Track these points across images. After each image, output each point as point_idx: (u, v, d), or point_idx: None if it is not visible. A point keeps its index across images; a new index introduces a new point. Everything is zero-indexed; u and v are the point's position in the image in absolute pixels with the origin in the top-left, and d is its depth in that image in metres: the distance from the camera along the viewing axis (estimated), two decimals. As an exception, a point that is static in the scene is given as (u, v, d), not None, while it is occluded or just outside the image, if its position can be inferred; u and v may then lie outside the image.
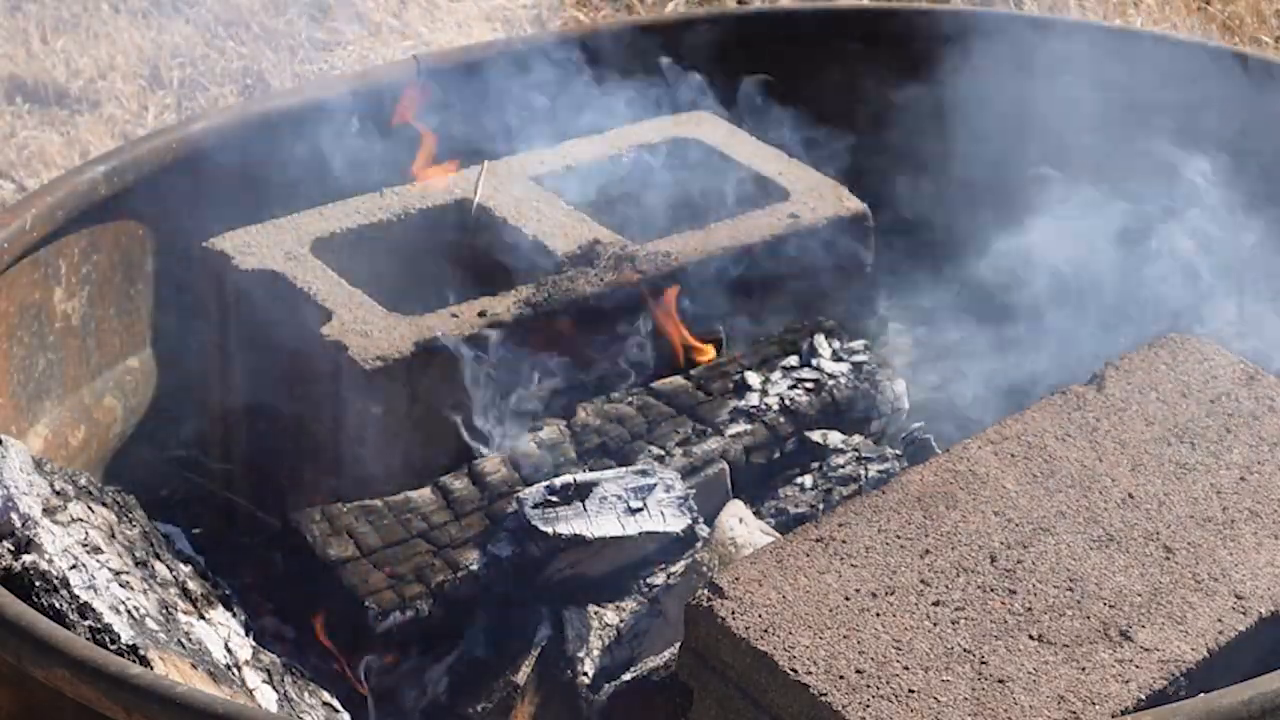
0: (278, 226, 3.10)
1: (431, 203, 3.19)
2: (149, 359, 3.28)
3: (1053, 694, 2.28)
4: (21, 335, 3.04)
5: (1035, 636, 2.36)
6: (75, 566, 2.43)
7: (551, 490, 2.72)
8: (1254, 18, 5.15)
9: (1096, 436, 2.69)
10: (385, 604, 2.66)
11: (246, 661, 2.54)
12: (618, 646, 2.67)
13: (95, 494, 2.61)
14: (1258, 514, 2.57)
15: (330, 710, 2.59)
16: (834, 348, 3.09)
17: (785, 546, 2.48)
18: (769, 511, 2.90)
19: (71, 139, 4.67)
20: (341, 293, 2.96)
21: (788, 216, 3.20)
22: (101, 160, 3.19)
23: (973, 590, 2.42)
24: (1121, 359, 2.85)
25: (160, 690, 2.19)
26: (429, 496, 2.81)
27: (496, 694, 2.65)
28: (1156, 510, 2.57)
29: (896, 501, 2.56)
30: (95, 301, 3.17)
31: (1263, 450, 2.68)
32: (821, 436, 2.99)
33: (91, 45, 5.03)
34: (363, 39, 5.15)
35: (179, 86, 4.91)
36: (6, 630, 2.27)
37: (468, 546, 2.74)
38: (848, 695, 2.26)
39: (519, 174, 3.26)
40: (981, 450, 2.66)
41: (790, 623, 2.35)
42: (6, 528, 2.45)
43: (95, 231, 3.15)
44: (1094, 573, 2.46)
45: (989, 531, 2.51)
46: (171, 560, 2.62)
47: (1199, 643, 2.37)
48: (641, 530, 2.73)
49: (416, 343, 2.88)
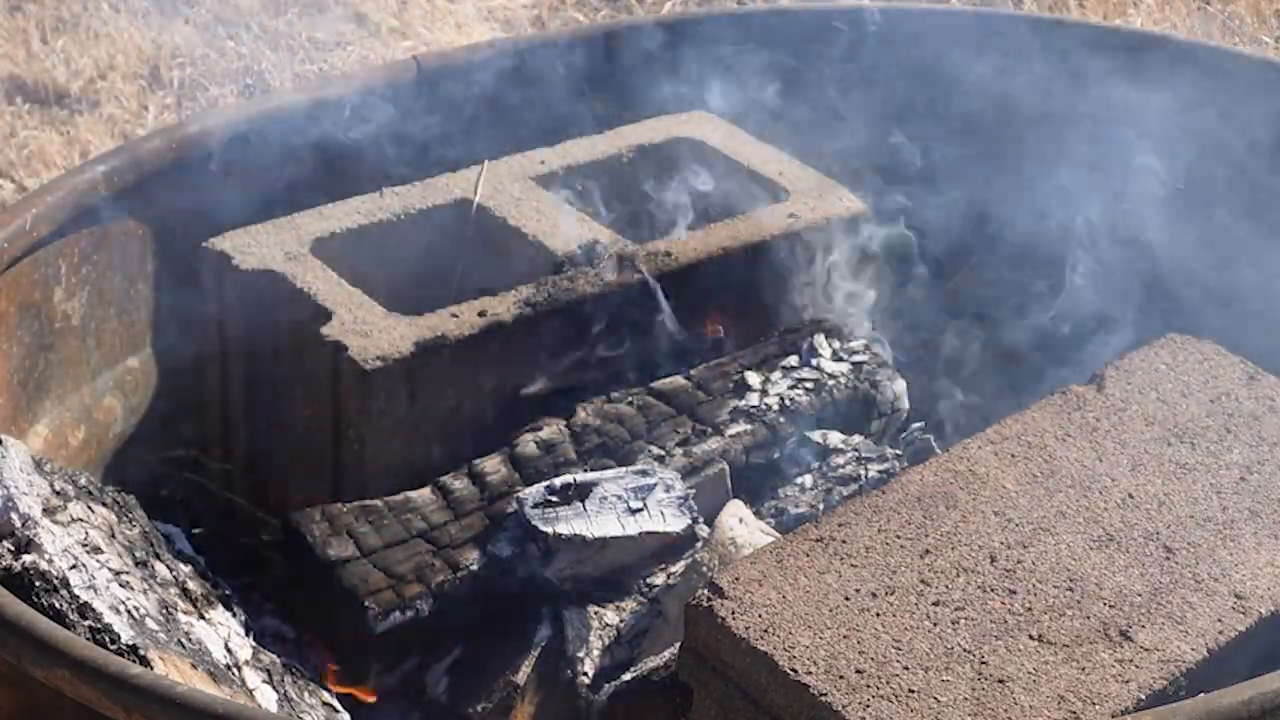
0: (278, 226, 3.10)
1: (431, 202, 3.19)
2: (149, 359, 3.28)
3: (1053, 694, 2.28)
4: (21, 335, 3.04)
5: (1035, 636, 2.36)
6: (75, 566, 2.43)
7: (551, 490, 2.73)
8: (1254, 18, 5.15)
9: (1096, 436, 2.69)
10: (385, 604, 2.66)
11: (246, 661, 2.54)
12: (618, 646, 2.67)
13: (95, 494, 2.60)
14: (1258, 514, 2.57)
15: (330, 710, 2.59)
16: (834, 348, 3.09)
17: (785, 546, 2.48)
18: (769, 511, 2.89)
19: (71, 139, 4.67)
20: (341, 293, 2.96)
21: (788, 216, 3.20)
22: (101, 160, 3.19)
23: (973, 590, 2.42)
24: (1121, 359, 2.85)
25: (160, 690, 2.19)
26: (429, 496, 2.81)
27: (496, 694, 2.65)
28: (1156, 510, 2.57)
29: (896, 501, 2.56)
30: (95, 301, 3.17)
31: (1263, 450, 2.68)
32: (821, 436, 2.99)
33: (91, 45, 5.03)
34: (363, 39, 5.16)
35: (179, 86, 4.92)
36: (6, 630, 2.27)
37: (468, 546, 2.74)
38: (848, 695, 2.26)
39: (519, 174, 3.26)
40: (981, 450, 2.66)
41: (790, 623, 2.35)
42: (6, 528, 2.45)
43: (95, 231, 3.15)
44: (1094, 573, 2.46)
45: (989, 531, 2.51)
46: (171, 560, 2.62)
47: (1199, 643, 2.37)
48: (641, 530, 2.73)
49: (416, 343, 2.88)
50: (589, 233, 3.12)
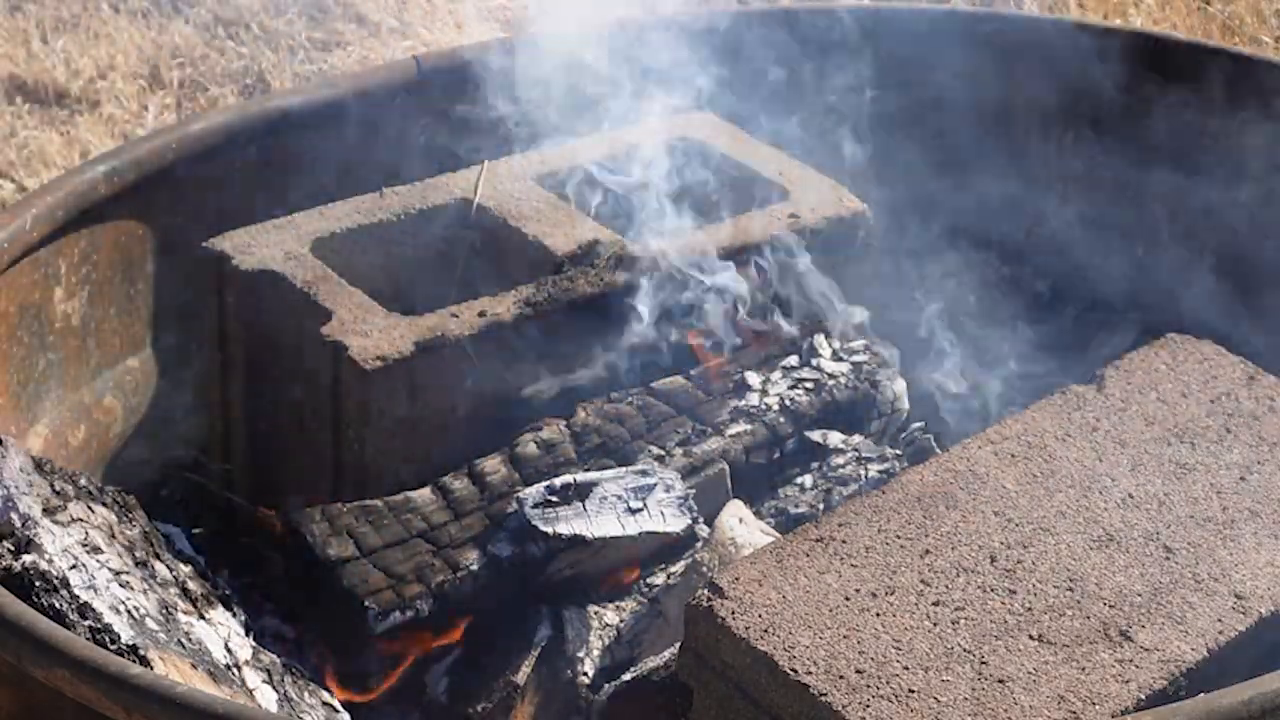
0: (278, 226, 3.10)
1: (432, 203, 3.19)
2: (149, 359, 3.28)
3: (1053, 694, 2.28)
4: (21, 335, 3.04)
5: (1035, 636, 2.36)
6: (75, 566, 2.43)
7: (551, 490, 2.73)
8: (1254, 18, 5.15)
9: (1096, 436, 2.69)
10: (385, 604, 2.66)
11: (246, 661, 2.54)
12: (618, 646, 2.67)
13: (95, 494, 2.60)
14: (1258, 514, 2.57)
15: (330, 710, 2.59)
16: (834, 348, 3.09)
17: (785, 546, 2.48)
18: (769, 511, 2.89)
19: (71, 139, 4.67)
20: (341, 293, 2.96)
21: (788, 216, 3.20)
22: (101, 160, 3.19)
23: (973, 590, 2.42)
24: (1121, 359, 2.85)
25: (160, 690, 2.19)
26: (429, 496, 2.81)
27: (496, 694, 2.65)
28: (1156, 510, 2.57)
29: (896, 501, 2.56)
30: (95, 301, 3.17)
31: (1263, 450, 2.68)
32: (821, 436, 2.99)
33: (91, 45, 5.03)
34: (363, 39, 5.16)
35: (179, 86, 4.92)
36: (6, 630, 2.27)
37: (468, 546, 2.74)
38: (848, 695, 2.26)
39: (519, 174, 3.26)
40: (981, 450, 2.66)
41: (790, 623, 2.35)
42: (6, 528, 2.45)
43: (95, 231, 3.15)
44: (1094, 573, 2.46)
45: (989, 531, 2.51)
46: (171, 560, 2.62)
47: (1199, 643, 2.37)
48: (641, 530, 2.73)
49: (416, 343, 2.88)
50: (589, 233, 3.12)
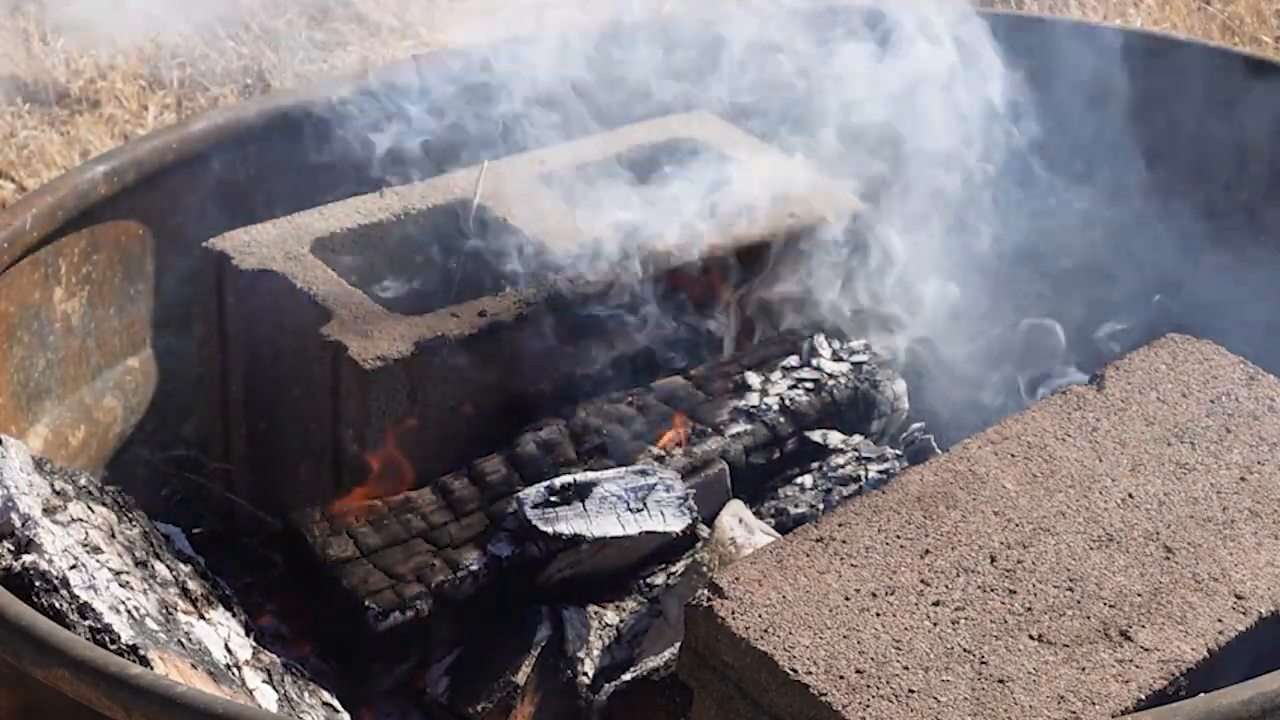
0: (278, 226, 3.10)
1: (432, 203, 3.19)
2: (149, 359, 3.28)
3: (1053, 694, 2.28)
4: (21, 335, 3.04)
5: (1035, 636, 2.36)
6: (75, 566, 2.43)
7: (551, 490, 2.73)
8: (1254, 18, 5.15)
9: (1096, 436, 2.69)
10: (385, 604, 2.66)
11: (246, 661, 2.54)
12: (618, 646, 2.67)
13: (95, 494, 2.60)
14: (1258, 514, 2.57)
15: (330, 710, 2.59)
16: (834, 348, 3.09)
17: (785, 546, 2.48)
18: (769, 511, 2.89)
19: (71, 139, 4.67)
20: (341, 293, 2.96)
21: (788, 216, 3.20)
22: (101, 160, 3.19)
23: (973, 590, 2.42)
24: (1122, 359, 2.85)
25: (160, 690, 2.19)
26: (429, 496, 2.81)
27: (496, 694, 2.65)
28: (1156, 510, 2.57)
29: (896, 501, 2.56)
30: (95, 301, 3.17)
31: (1263, 450, 2.68)
32: (821, 436, 2.99)
33: (91, 45, 5.03)
34: (363, 39, 5.16)
35: (179, 86, 4.92)
36: (6, 630, 2.27)
37: (468, 546, 2.74)
38: (848, 695, 2.26)
39: (519, 174, 3.26)
40: (981, 450, 2.66)
41: (790, 623, 2.35)
42: (6, 528, 2.45)
43: (95, 231, 3.15)
44: (1094, 573, 2.46)
45: (989, 531, 2.51)
46: (171, 560, 2.62)
47: (1199, 643, 2.37)
48: (641, 530, 2.73)
49: (416, 343, 2.88)
50: (589, 233, 3.12)
